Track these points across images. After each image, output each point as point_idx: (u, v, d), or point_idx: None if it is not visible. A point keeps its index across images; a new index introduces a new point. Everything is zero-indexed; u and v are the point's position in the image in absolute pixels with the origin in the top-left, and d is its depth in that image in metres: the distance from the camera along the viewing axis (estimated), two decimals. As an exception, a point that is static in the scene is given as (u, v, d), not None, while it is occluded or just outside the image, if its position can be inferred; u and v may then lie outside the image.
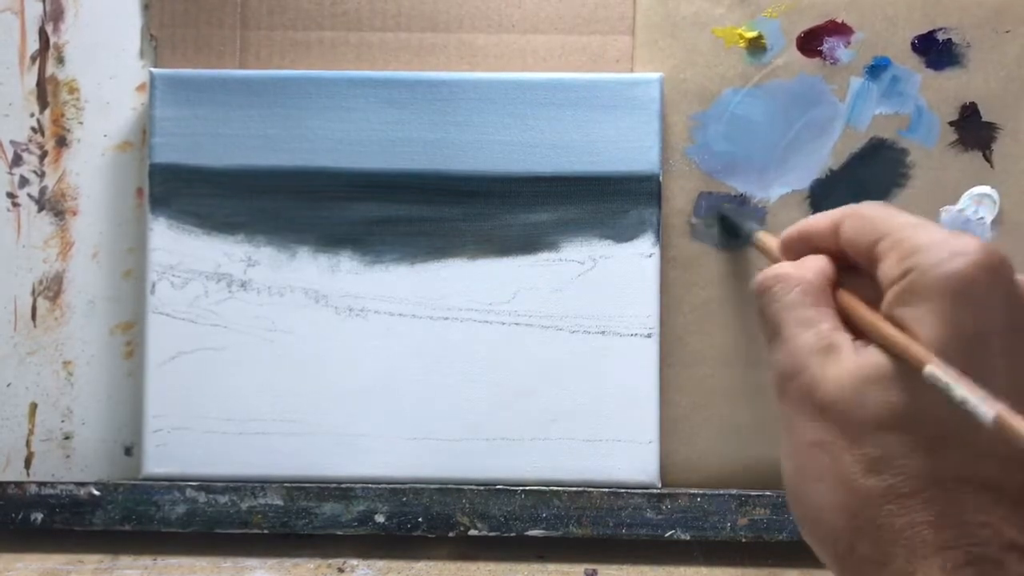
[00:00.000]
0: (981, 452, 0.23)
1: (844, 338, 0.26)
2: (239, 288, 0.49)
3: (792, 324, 0.27)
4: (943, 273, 0.23)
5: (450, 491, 0.48)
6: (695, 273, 0.50)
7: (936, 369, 0.22)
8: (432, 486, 0.49)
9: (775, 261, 0.30)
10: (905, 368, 0.24)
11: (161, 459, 0.49)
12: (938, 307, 0.23)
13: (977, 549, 0.23)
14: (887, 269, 0.25)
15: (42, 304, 0.51)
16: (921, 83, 0.50)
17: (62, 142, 0.51)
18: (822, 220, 0.29)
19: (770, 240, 0.35)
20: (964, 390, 0.22)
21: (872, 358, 0.24)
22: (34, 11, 0.51)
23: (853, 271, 0.27)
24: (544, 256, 0.49)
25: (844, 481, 0.24)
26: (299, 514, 0.48)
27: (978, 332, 0.23)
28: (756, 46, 0.50)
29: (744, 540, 0.48)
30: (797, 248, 0.30)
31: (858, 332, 0.26)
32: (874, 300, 0.26)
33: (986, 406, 0.21)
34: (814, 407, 0.25)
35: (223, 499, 0.48)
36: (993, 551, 0.23)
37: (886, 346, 0.24)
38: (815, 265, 0.28)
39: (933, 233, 0.24)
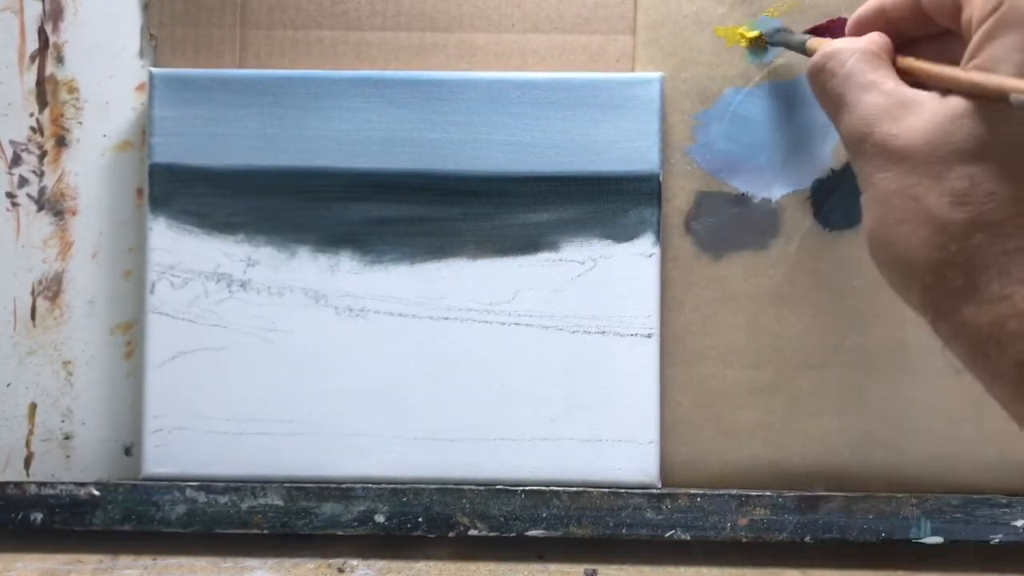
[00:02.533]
0: None
1: (916, 91, 0.27)
2: (239, 288, 0.49)
3: (854, 91, 0.28)
4: None
5: (450, 491, 0.48)
6: (695, 273, 0.50)
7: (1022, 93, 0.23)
8: (432, 486, 0.49)
9: None
10: (986, 105, 0.24)
11: (161, 459, 0.49)
12: None
13: None
14: (974, 10, 0.25)
15: (41, 304, 0.51)
16: (922, 83, 0.50)
17: (61, 142, 0.51)
18: None
19: (821, 43, 0.36)
20: None
21: (952, 100, 0.25)
22: (33, 10, 0.51)
23: (911, 49, 0.29)
24: (544, 256, 0.49)
25: (931, 218, 0.25)
26: (299, 514, 0.48)
27: None
28: (753, 46, 0.50)
29: (744, 540, 0.48)
30: (871, 24, 0.31)
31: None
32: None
33: None
34: (893, 157, 0.26)
35: (223, 499, 0.48)
36: None
37: (963, 89, 0.25)
38: (867, 37, 0.30)
39: None
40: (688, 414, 0.50)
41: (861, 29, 0.32)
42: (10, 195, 0.51)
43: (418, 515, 0.48)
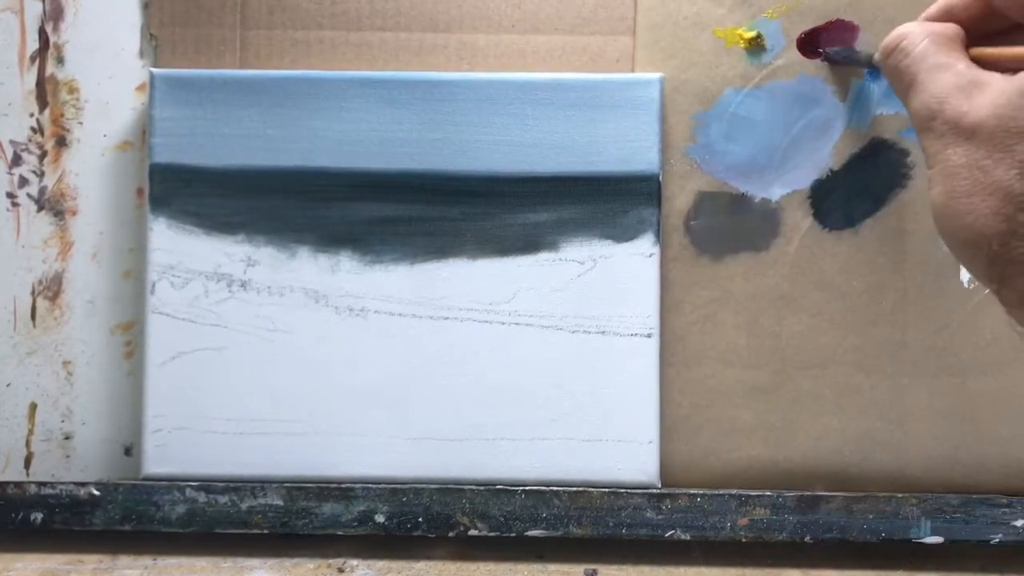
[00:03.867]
0: None
1: (986, 72, 0.28)
2: (239, 288, 0.49)
3: (926, 70, 0.29)
4: None
5: (450, 491, 0.48)
6: (695, 273, 0.50)
7: None
8: (432, 486, 0.49)
9: None
10: None
11: (161, 459, 0.49)
12: None
13: None
14: None
15: (42, 304, 0.51)
16: (922, 83, 0.50)
17: (62, 142, 0.51)
18: None
19: None
20: None
21: (1022, 77, 0.26)
22: (34, 11, 0.51)
23: (983, 42, 0.30)
24: (544, 256, 0.49)
25: (999, 189, 0.26)
26: (299, 514, 0.48)
27: None
28: (751, 47, 0.50)
29: (744, 540, 0.48)
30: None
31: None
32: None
33: None
34: (963, 133, 0.27)
35: (223, 499, 0.48)
36: None
37: None
38: (940, 23, 0.31)
39: None
40: (688, 414, 0.50)
41: None
42: (10, 195, 0.51)
43: (418, 515, 0.48)
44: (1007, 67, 0.28)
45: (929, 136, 0.29)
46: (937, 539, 0.48)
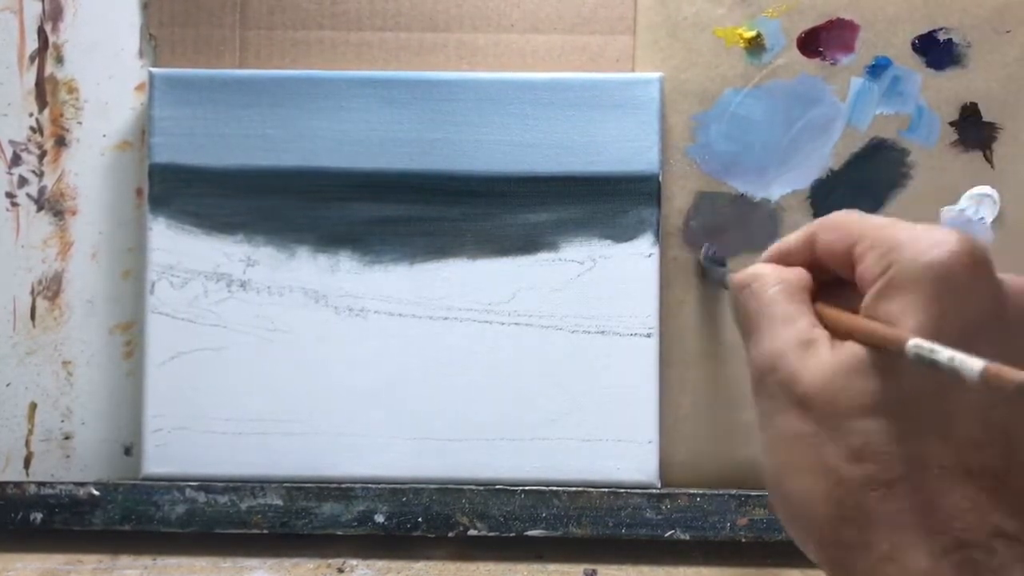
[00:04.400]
0: (963, 439, 0.23)
1: (823, 334, 0.26)
2: (238, 288, 0.49)
3: (770, 320, 0.27)
4: (924, 264, 0.23)
5: (450, 491, 0.48)
6: (695, 273, 0.50)
7: (919, 340, 0.22)
8: (432, 486, 0.49)
9: None
10: (884, 356, 0.24)
11: (161, 459, 0.49)
12: (920, 298, 0.23)
13: (964, 535, 0.23)
14: (866, 270, 0.25)
15: (41, 304, 0.51)
16: (922, 83, 0.50)
17: (61, 142, 0.51)
18: (796, 237, 0.29)
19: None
20: (949, 351, 0.21)
21: (850, 349, 0.25)
22: (33, 10, 0.51)
23: (827, 289, 0.28)
24: (544, 256, 0.49)
25: (828, 471, 0.25)
26: (299, 514, 0.48)
27: (962, 321, 0.23)
28: (751, 46, 0.50)
29: (744, 540, 0.48)
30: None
31: (835, 336, 0.26)
32: (850, 311, 0.26)
33: (973, 361, 0.21)
34: (794, 400, 0.25)
35: (223, 499, 0.48)
36: (980, 537, 0.23)
37: (865, 339, 0.24)
38: (795, 269, 0.28)
39: (910, 228, 0.25)
40: (688, 414, 0.50)
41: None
42: (10, 195, 0.51)
43: (418, 515, 0.48)
44: (840, 333, 0.26)
45: (762, 394, 0.27)
46: (937, 539, 0.48)
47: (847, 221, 0.27)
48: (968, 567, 0.23)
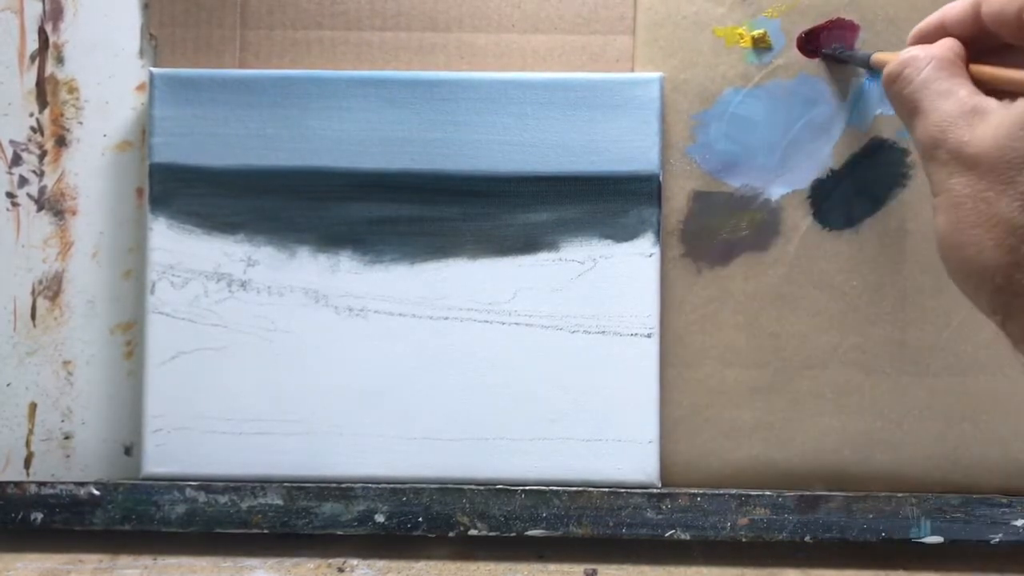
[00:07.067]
0: None
1: (987, 99, 0.28)
2: (239, 288, 0.49)
3: (930, 98, 0.29)
4: None
5: (450, 491, 0.48)
6: (695, 273, 0.50)
7: None
8: (432, 486, 0.49)
9: None
10: None
11: (161, 459, 0.49)
12: None
13: None
14: None
15: (41, 304, 0.51)
16: (922, 83, 0.50)
17: (61, 142, 0.51)
18: (958, 5, 0.31)
19: (888, 56, 0.37)
20: None
21: (1019, 107, 0.26)
22: (33, 10, 0.51)
23: (992, 54, 0.29)
24: (544, 256, 0.49)
25: (1002, 221, 0.26)
26: (299, 514, 0.48)
27: None
28: (757, 45, 0.50)
29: (744, 540, 0.48)
30: (932, 38, 0.32)
31: (994, 95, 0.28)
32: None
33: None
34: (966, 163, 0.27)
35: (223, 499, 0.48)
36: None
37: None
38: (942, 43, 0.31)
39: None
40: (688, 414, 0.50)
41: (921, 42, 0.32)
42: (10, 195, 0.51)
43: (418, 515, 0.48)
44: (1004, 89, 0.28)
45: (933, 164, 0.29)
46: (937, 539, 0.48)
47: None
48: None
